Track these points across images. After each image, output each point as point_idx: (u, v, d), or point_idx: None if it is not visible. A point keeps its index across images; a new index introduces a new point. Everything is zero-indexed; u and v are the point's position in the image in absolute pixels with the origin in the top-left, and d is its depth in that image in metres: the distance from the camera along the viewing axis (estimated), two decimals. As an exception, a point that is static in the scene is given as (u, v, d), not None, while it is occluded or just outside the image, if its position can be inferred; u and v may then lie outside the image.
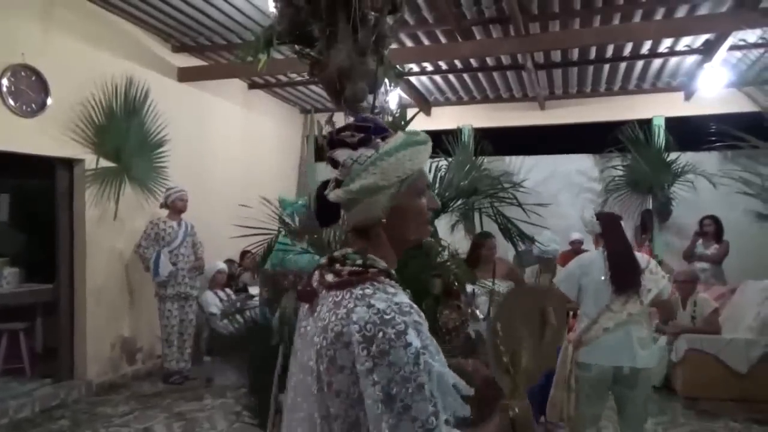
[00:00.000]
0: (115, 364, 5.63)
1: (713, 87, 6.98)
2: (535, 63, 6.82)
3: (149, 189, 5.81)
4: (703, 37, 6.09)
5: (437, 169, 3.07)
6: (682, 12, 5.44)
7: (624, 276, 3.10)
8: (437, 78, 7.69)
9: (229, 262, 6.64)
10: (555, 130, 8.56)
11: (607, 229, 3.29)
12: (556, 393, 3.29)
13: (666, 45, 6.39)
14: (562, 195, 8.10)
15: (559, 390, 3.24)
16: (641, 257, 3.22)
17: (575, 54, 6.74)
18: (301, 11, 2.41)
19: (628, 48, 6.51)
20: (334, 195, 1.12)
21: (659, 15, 5.52)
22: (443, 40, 6.17)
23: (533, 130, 8.62)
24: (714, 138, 4.64)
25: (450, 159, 3.97)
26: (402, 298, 1.04)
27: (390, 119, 2.81)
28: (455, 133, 7.95)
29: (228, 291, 6.21)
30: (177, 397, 5.20)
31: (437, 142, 6.38)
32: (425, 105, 8.56)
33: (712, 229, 6.55)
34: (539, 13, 5.49)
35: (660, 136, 7.71)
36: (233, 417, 4.37)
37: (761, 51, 6.33)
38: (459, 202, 3.13)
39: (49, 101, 4.85)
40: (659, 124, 7.85)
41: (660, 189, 7.49)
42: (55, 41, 4.96)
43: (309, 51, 2.53)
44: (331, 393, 1.01)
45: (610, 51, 6.61)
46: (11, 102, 4.57)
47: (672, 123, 7.85)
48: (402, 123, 2.96)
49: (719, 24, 5.41)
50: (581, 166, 8.32)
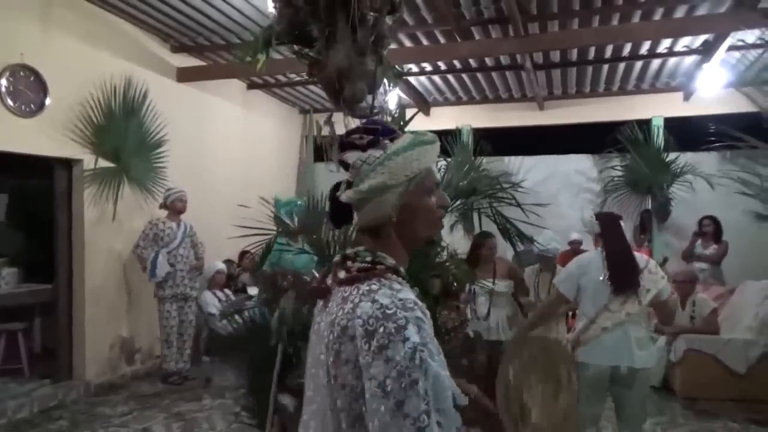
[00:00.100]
0: (114, 364, 5.63)
1: (712, 87, 6.98)
2: (534, 63, 6.82)
3: (148, 189, 5.80)
4: (702, 38, 6.10)
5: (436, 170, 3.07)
6: (680, 12, 5.44)
7: (622, 276, 3.09)
8: (436, 78, 7.69)
9: (228, 262, 6.64)
10: (554, 130, 8.56)
11: (607, 229, 3.29)
12: None
13: (665, 45, 6.39)
14: (561, 195, 8.11)
15: None
16: (640, 257, 3.21)
17: (574, 54, 6.74)
18: (300, 11, 2.41)
19: (627, 48, 6.51)
20: (345, 196, 1.15)
21: (658, 15, 5.52)
22: (442, 40, 6.17)
23: (532, 130, 8.62)
24: (713, 138, 4.64)
25: (449, 159, 3.97)
26: (407, 294, 1.05)
27: (389, 120, 2.81)
28: (454, 134, 7.97)
29: (227, 291, 6.20)
30: (176, 398, 5.19)
31: (436, 142, 6.35)
32: (424, 105, 8.55)
33: (711, 230, 6.56)
34: (538, 14, 5.49)
35: (659, 136, 7.72)
36: (232, 417, 4.36)
37: (760, 51, 6.33)
38: (458, 202, 3.13)
39: (48, 101, 4.85)
40: (658, 124, 7.86)
41: (659, 189, 7.51)
42: (54, 41, 4.95)
43: (308, 51, 2.53)
44: (337, 385, 1.02)
45: (609, 51, 6.61)
46: (10, 102, 4.56)
47: (671, 123, 7.86)
48: (401, 123, 2.96)
49: (718, 24, 5.42)
50: (580, 166, 8.32)
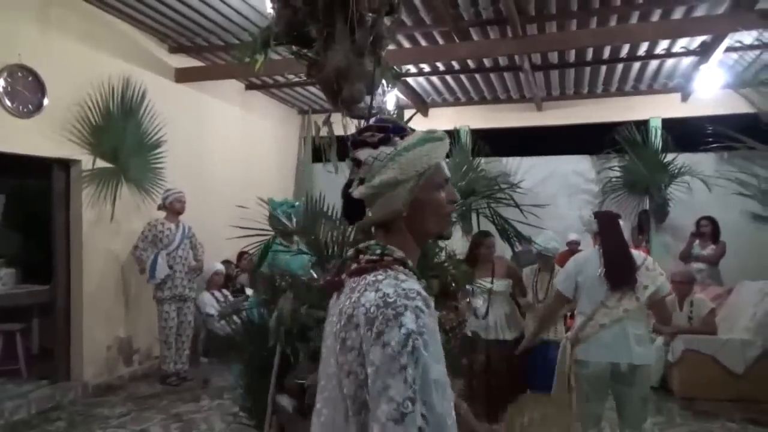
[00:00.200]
0: (112, 365, 5.62)
1: (710, 88, 7.00)
2: (532, 64, 6.83)
3: (146, 190, 5.79)
4: (700, 39, 6.11)
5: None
6: (678, 13, 5.45)
7: (619, 272, 3.10)
8: (434, 79, 7.69)
9: (227, 263, 6.64)
10: (552, 131, 8.57)
11: (605, 227, 3.30)
12: (557, 393, 3.28)
13: (663, 46, 6.40)
14: (559, 196, 8.10)
15: (560, 389, 3.23)
16: (638, 254, 3.23)
17: (572, 55, 6.74)
18: (299, 12, 2.41)
19: (625, 49, 6.52)
20: (357, 192, 1.18)
21: (656, 16, 5.53)
22: (440, 41, 6.18)
23: (530, 131, 8.63)
24: (711, 139, 4.65)
25: (447, 160, 3.96)
26: (411, 285, 1.06)
27: (387, 120, 2.81)
28: (453, 134, 7.97)
29: (225, 292, 6.20)
30: (174, 399, 5.18)
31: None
32: (422, 106, 8.56)
33: (708, 230, 6.56)
34: (536, 15, 5.49)
35: (657, 137, 7.73)
36: (230, 418, 4.35)
37: (757, 52, 6.35)
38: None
39: (46, 102, 4.84)
40: (656, 125, 7.87)
41: (657, 190, 7.52)
42: (52, 42, 4.94)
43: (306, 52, 2.54)
44: (344, 373, 1.04)
45: (607, 52, 6.62)
46: (8, 102, 4.56)
47: (669, 124, 7.87)
48: (399, 124, 2.96)
49: (716, 26, 5.43)
50: (578, 167, 8.32)
